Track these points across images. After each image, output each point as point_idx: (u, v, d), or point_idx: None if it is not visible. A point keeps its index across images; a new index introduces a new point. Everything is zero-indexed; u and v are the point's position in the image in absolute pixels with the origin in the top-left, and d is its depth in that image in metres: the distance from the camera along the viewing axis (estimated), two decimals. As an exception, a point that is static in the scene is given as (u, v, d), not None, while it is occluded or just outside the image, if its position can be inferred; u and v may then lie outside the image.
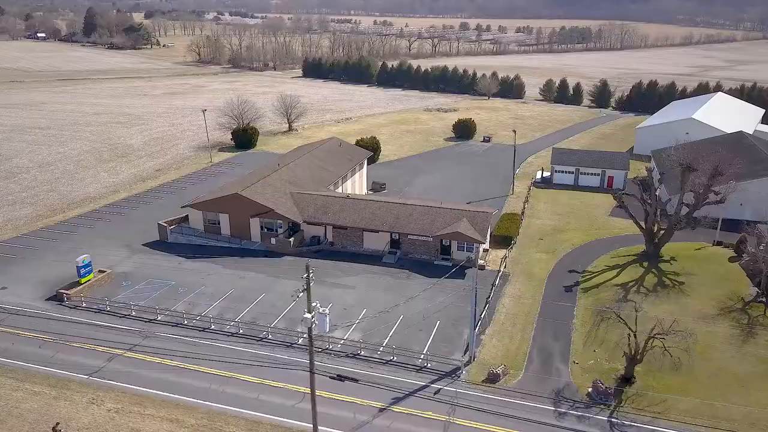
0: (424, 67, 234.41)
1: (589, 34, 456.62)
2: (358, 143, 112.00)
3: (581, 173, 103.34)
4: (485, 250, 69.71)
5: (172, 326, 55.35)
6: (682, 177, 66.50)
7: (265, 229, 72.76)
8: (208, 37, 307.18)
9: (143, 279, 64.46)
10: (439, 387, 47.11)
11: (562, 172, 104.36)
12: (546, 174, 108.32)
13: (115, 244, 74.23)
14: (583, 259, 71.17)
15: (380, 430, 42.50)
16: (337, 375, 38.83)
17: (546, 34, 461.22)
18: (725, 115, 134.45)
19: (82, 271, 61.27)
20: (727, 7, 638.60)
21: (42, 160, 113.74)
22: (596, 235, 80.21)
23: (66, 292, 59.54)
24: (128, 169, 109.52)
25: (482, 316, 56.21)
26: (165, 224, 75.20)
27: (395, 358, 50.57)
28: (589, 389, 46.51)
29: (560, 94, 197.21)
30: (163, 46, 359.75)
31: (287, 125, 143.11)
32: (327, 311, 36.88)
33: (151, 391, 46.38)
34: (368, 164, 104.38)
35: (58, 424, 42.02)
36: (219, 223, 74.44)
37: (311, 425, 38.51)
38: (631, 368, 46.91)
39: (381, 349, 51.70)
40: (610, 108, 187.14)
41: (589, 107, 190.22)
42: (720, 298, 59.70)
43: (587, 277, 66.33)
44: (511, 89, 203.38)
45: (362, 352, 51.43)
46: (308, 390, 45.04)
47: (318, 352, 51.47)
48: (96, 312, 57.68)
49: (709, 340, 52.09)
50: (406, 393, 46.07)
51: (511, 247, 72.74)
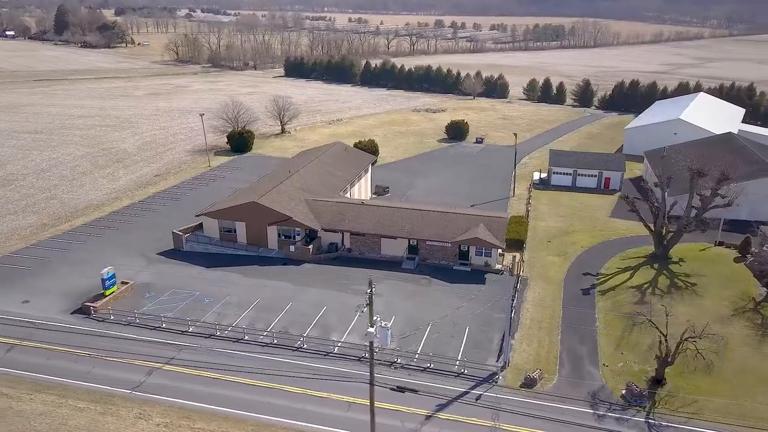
0: (405, 65, 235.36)
1: (563, 31, 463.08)
2: (356, 146, 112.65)
3: (578, 174, 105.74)
4: (500, 255, 71.23)
5: (205, 338, 55.60)
6: (691, 181, 68.91)
7: (283, 237, 73.19)
8: (187, 36, 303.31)
9: (166, 290, 64.42)
10: (480, 393, 48.46)
11: (560, 173, 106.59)
12: (543, 175, 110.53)
13: (129, 253, 73.86)
14: (594, 262, 73.26)
15: (430, 437, 43.68)
16: (397, 386, 39.73)
17: (520, 31, 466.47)
18: (710, 115, 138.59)
19: (107, 283, 61.01)
20: (694, 5, 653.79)
21: (36, 166, 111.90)
22: (602, 236, 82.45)
23: (92, 305, 59.27)
24: (126, 175, 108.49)
25: (510, 322, 57.58)
26: (180, 233, 75.02)
27: (432, 365, 51.72)
28: (623, 391, 48.35)
29: (544, 93, 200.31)
30: (138, 44, 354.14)
31: (280, 128, 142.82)
32: (389, 325, 37.80)
33: (197, 404, 46.77)
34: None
35: (111, 440, 42.28)
36: (235, 231, 74.59)
37: (369, 436, 39.47)
38: (662, 370, 48.87)
39: (417, 357, 52.81)
40: (594, 107, 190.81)
41: (573, 106, 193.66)
42: (732, 298, 62.25)
43: (602, 279, 68.38)
44: (495, 89, 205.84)
45: (399, 360, 52.44)
46: (353, 399, 46.34)
47: (354, 360, 52.55)
48: (125, 325, 57.59)
49: (728, 340, 54.31)
50: (449, 400, 47.28)
51: (524, 251, 74.39)
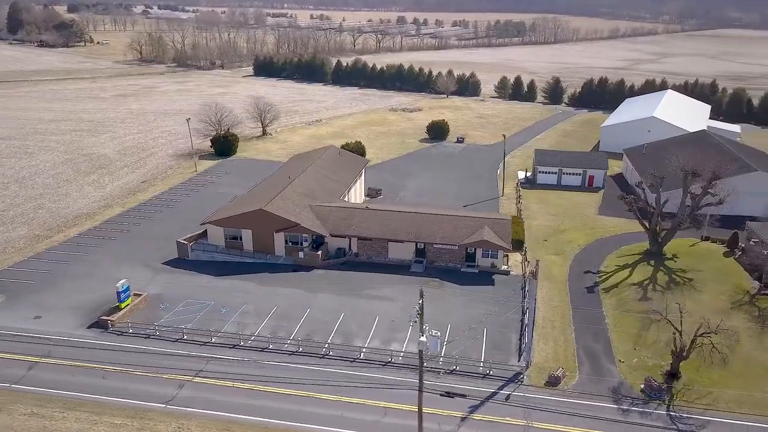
0: (372, 63, 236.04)
1: (524, 28, 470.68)
2: (343, 148, 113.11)
3: (564, 173, 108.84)
4: (505, 256, 73.24)
5: (229, 348, 55.90)
6: (684, 181, 72.19)
7: (290, 243, 73.62)
8: (150, 35, 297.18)
9: (179, 300, 64.23)
10: (508, 393, 50.26)
11: (546, 172, 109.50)
12: (529, 174, 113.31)
13: (132, 264, 73.14)
14: (593, 260, 76.01)
15: (469, 438, 45.23)
16: (446, 392, 41.08)
17: (482, 27, 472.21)
18: (680, 112, 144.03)
19: (122, 296, 60.57)
20: (647, 1, 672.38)
21: (16, 174, 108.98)
22: (594, 234, 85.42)
23: (109, 318, 58.79)
24: (112, 182, 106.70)
25: (525, 322, 59.66)
26: (184, 242, 74.65)
27: (457, 367, 53.25)
28: (642, 386, 50.84)
29: (515, 91, 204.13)
30: (98, 43, 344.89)
31: (261, 130, 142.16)
32: (438, 333, 39.11)
33: (234, 415, 47.24)
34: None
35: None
36: (241, 239, 74.63)
37: (418, 440, 40.73)
38: (677, 364, 51.54)
39: (442, 360, 54.26)
40: (564, 104, 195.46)
41: (544, 104, 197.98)
42: (728, 292, 65.71)
43: (603, 277, 71.11)
44: (467, 87, 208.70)
45: (426, 364, 53.72)
46: (389, 405, 47.58)
47: (379, 366, 53.68)
48: (145, 338, 57.38)
49: (739, 335, 57.16)
50: (481, 400, 48.91)
51: (525, 251, 76.57)
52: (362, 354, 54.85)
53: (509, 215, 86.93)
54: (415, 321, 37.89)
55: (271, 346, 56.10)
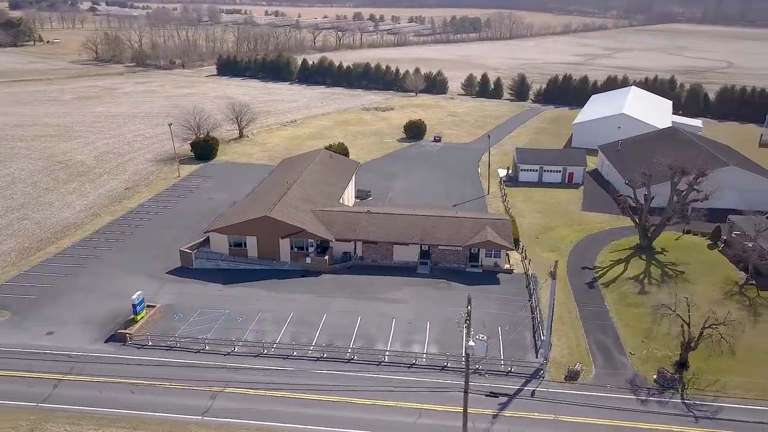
0: (339, 62, 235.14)
1: (479, 23, 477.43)
2: (327, 149, 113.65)
3: (544, 170, 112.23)
4: (506, 254, 75.56)
5: (254, 357, 56.39)
6: (672, 178, 75.99)
7: (296, 249, 74.19)
8: (107, 34, 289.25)
9: (192, 310, 64.15)
10: (532, 389, 52.48)
11: (527, 170, 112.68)
12: (510, 172, 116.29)
13: (135, 274, 72.45)
14: (587, 255, 79.20)
15: (504, 435, 47.20)
16: (490, 392, 42.85)
17: (439, 23, 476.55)
18: (646, 108, 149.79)
19: (138, 308, 60.23)
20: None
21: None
22: (583, 230, 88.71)
23: (127, 332, 58.40)
24: (95, 190, 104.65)
25: (538, 319, 62.08)
26: (188, 250, 74.32)
27: (480, 366, 55.17)
28: (655, 376, 53.84)
29: (482, 88, 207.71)
30: (48, 42, 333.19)
31: (238, 132, 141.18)
32: (485, 337, 40.84)
33: (273, 424, 47.97)
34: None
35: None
36: (245, 246, 74.78)
37: (465, 440, 42.44)
38: (686, 355, 54.78)
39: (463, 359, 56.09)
40: (530, 101, 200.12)
41: (511, 101, 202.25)
42: (719, 283, 69.76)
43: (600, 272, 74.30)
44: (435, 85, 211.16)
45: (449, 364, 55.54)
46: (421, 406, 49.17)
47: (404, 369, 55.17)
48: (167, 350, 57.29)
49: (744, 325, 60.40)
50: (509, 397, 50.96)
51: (523, 249, 79.11)
52: (386, 357, 56.18)
53: (502, 214, 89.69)
54: (466, 325, 39.48)
55: (295, 353, 56.85)
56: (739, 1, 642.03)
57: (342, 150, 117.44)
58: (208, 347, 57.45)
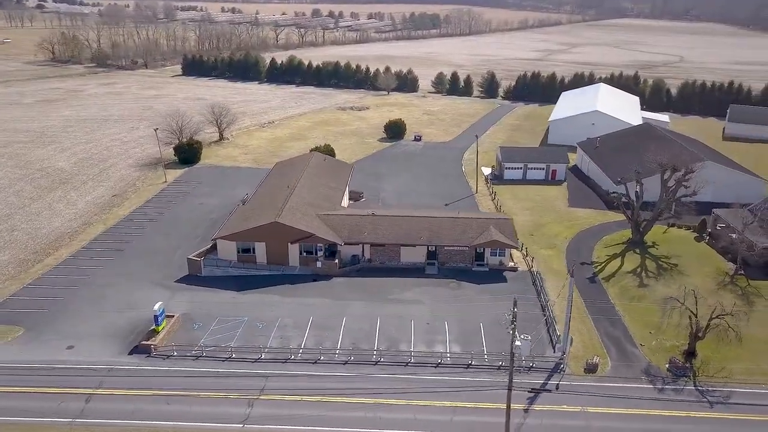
0: (308, 61, 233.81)
1: (439, 20, 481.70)
2: (313, 151, 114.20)
3: (529, 168, 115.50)
4: (509, 253, 77.96)
5: (282, 362, 57.15)
6: (662, 175, 79.81)
7: (305, 253, 74.92)
8: (64, 33, 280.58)
9: (211, 318, 64.34)
10: (556, 382, 54.91)
11: (512, 168, 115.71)
12: (495, 171, 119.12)
13: (142, 284, 72.05)
14: (583, 251, 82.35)
15: (537, 429, 49.33)
16: (532, 389, 44.89)
17: (398, 19, 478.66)
18: (617, 104, 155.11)
19: (159, 319, 60.14)
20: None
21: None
22: (574, 227, 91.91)
23: (150, 343, 58.32)
24: (81, 198, 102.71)
25: (549, 315, 64.63)
26: (196, 258, 74.22)
27: (503, 363, 57.32)
28: (667, 366, 57.02)
29: (452, 86, 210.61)
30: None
31: (218, 134, 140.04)
32: (529, 337, 42.85)
33: (314, 428, 48.95)
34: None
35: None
36: (253, 252, 75.08)
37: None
38: (694, 344, 58.14)
39: (486, 357, 58.16)
40: (500, 98, 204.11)
41: (481, 98, 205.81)
42: (711, 274, 73.81)
43: (599, 267, 77.50)
44: (406, 83, 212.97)
45: (473, 362, 57.49)
46: (455, 404, 51.01)
47: (431, 368, 56.91)
48: (194, 359, 57.50)
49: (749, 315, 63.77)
50: (536, 391, 53.25)
51: (524, 247, 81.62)
52: (412, 358, 57.75)
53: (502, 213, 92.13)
54: (513, 326, 41.41)
55: (322, 358, 57.85)
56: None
57: (329, 151, 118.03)
58: (235, 355, 57.89)
